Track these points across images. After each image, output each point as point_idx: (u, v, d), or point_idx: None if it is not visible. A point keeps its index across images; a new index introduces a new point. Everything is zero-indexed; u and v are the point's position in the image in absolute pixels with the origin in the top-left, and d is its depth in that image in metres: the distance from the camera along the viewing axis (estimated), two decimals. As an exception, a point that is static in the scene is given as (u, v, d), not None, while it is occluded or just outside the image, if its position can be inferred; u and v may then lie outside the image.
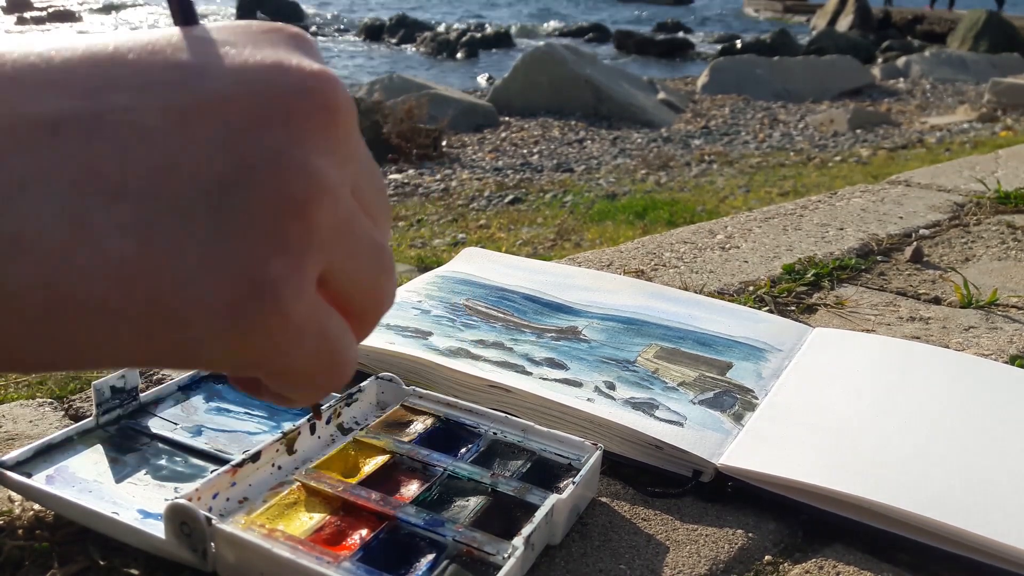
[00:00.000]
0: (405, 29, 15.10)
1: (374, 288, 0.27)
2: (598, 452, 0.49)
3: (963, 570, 0.45)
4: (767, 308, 0.81)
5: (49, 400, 0.60)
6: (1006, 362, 0.70)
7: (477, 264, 0.81)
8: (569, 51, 8.00)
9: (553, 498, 0.44)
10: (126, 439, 0.51)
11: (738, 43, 13.24)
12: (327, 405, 0.51)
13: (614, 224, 3.65)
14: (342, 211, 0.25)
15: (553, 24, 18.23)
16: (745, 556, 0.46)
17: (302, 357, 0.25)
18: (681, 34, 16.34)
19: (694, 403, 0.57)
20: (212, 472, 0.44)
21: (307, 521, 0.42)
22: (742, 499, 0.50)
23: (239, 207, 0.23)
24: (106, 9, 18.00)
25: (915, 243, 1.02)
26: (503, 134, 6.59)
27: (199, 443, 0.50)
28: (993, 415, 0.57)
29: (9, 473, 0.45)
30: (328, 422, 0.51)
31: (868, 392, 0.60)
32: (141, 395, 0.54)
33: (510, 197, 4.39)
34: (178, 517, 0.40)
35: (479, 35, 14.17)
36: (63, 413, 0.58)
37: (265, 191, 0.24)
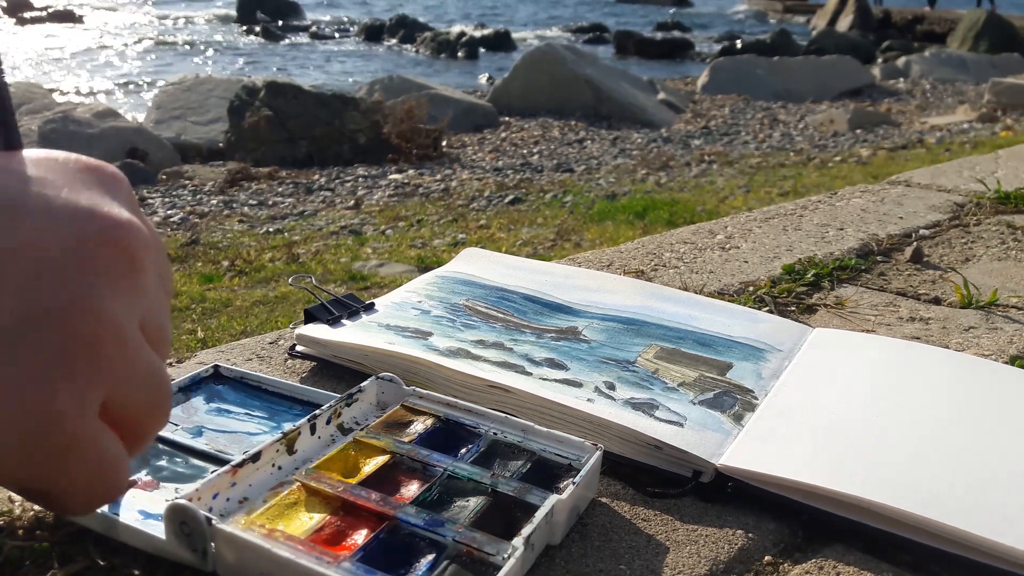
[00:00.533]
0: (405, 29, 15.11)
1: (149, 410, 0.31)
2: (598, 452, 0.49)
3: (963, 570, 0.45)
4: (767, 308, 0.81)
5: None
6: (1006, 362, 0.70)
7: (477, 264, 0.81)
8: (569, 51, 8.00)
9: (553, 498, 0.44)
10: (126, 439, 0.51)
11: (738, 43, 13.25)
12: (327, 405, 0.51)
13: (614, 224, 3.65)
14: (128, 347, 0.29)
15: (555, 31, 18.23)
16: (745, 556, 0.46)
17: (81, 475, 0.29)
18: (681, 34, 16.33)
19: (694, 403, 0.57)
20: (212, 472, 0.44)
21: (307, 521, 0.42)
22: (742, 499, 0.50)
23: (35, 344, 0.26)
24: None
25: (915, 243, 1.02)
26: (503, 134, 6.59)
27: (199, 444, 0.50)
28: (993, 415, 0.57)
29: (9, 473, 0.45)
30: (328, 422, 0.51)
31: (868, 392, 0.60)
32: (141, 395, 0.54)
33: (510, 197, 4.39)
34: (178, 517, 0.40)
35: (479, 35, 14.17)
36: (63, 413, 0.58)
37: (60, 332, 0.26)
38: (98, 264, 0.28)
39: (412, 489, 0.46)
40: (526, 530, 0.42)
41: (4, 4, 17.93)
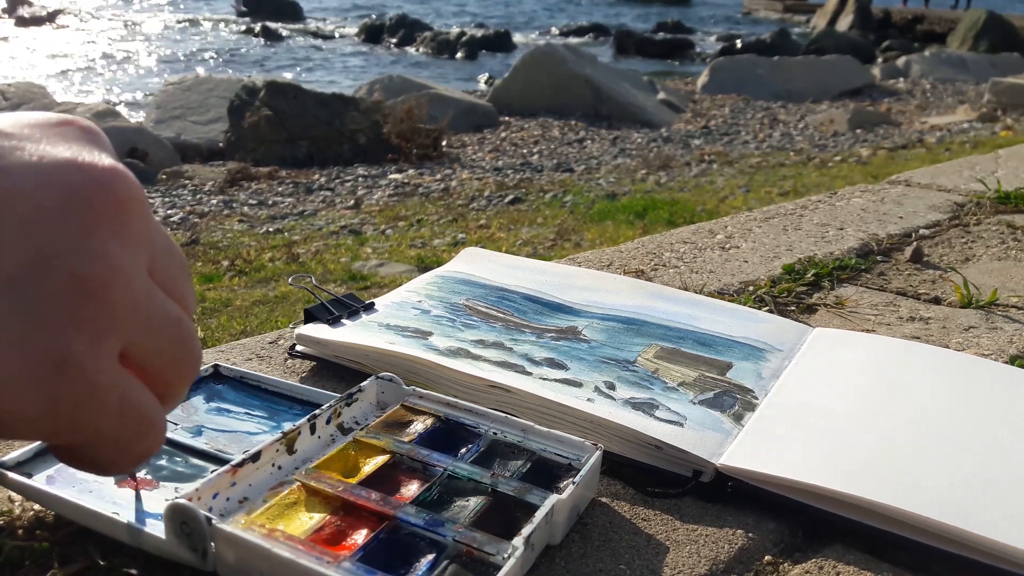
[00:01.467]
0: (405, 29, 15.11)
1: (174, 358, 0.30)
2: (598, 452, 0.49)
3: (963, 570, 0.45)
4: (767, 308, 0.81)
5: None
6: (1006, 362, 0.70)
7: (477, 264, 0.81)
8: (569, 51, 8.00)
9: (553, 498, 0.44)
10: (126, 439, 0.51)
11: (738, 43, 13.25)
12: (327, 405, 0.51)
13: (614, 224, 3.66)
14: (137, 290, 0.28)
15: (554, 30, 18.21)
16: (745, 556, 0.46)
17: (108, 425, 0.28)
18: (682, 35, 16.33)
19: (694, 403, 0.57)
20: (212, 472, 0.44)
21: (307, 521, 0.42)
22: (742, 499, 0.50)
23: (40, 291, 0.26)
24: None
25: (915, 243, 1.02)
26: (503, 134, 6.59)
27: (199, 443, 0.50)
28: (993, 415, 0.57)
29: (9, 473, 0.45)
30: (328, 422, 0.51)
31: (868, 392, 0.60)
32: (141, 395, 0.54)
33: (510, 197, 4.39)
34: (178, 517, 0.40)
35: (479, 35, 14.17)
36: (63, 413, 0.58)
37: (63, 276, 0.26)
38: (93, 212, 0.27)
39: (412, 489, 0.46)
40: (526, 530, 0.42)
41: (3, 4, 17.93)
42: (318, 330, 0.64)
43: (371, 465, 0.48)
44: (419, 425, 0.52)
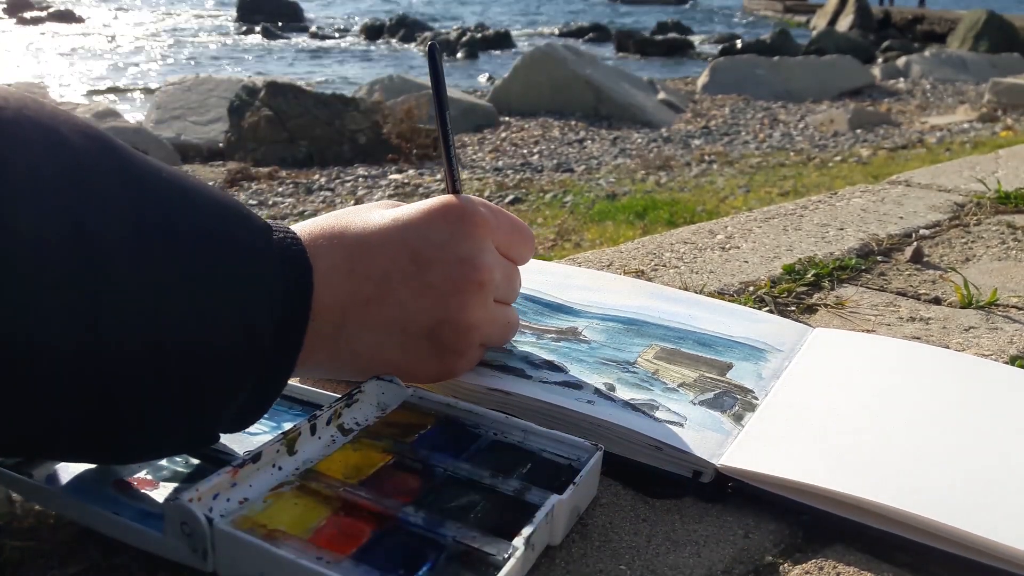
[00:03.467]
0: (405, 29, 15.11)
1: (521, 246, 0.58)
2: (598, 453, 0.49)
3: (963, 570, 0.45)
4: (767, 308, 0.81)
5: (49, 400, 0.60)
6: (1006, 362, 0.70)
7: (477, 264, 0.81)
8: (569, 51, 8.00)
9: (553, 498, 0.44)
10: (126, 439, 0.51)
11: (738, 43, 13.26)
12: (328, 406, 0.51)
13: (614, 224, 3.66)
14: (496, 216, 0.55)
15: (554, 31, 18.20)
16: (745, 556, 0.46)
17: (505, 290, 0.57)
18: (681, 35, 16.33)
19: (694, 404, 0.57)
20: (212, 472, 0.44)
21: (307, 521, 0.42)
22: (742, 499, 0.50)
23: (453, 231, 0.52)
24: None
25: (915, 243, 1.02)
26: (503, 134, 6.59)
27: (199, 443, 0.50)
28: (993, 415, 0.57)
29: (9, 473, 0.45)
30: (328, 423, 0.51)
31: (868, 392, 0.60)
32: (141, 395, 0.54)
33: (510, 197, 4.39)
34: (178, 517, 0.40)
35: (479, 35, 14.17)
36: (63, 413, 0.58)
37: (463, 221, 0.53)
38: (462, 224, 0.52)
39: (412, 489, 0.46)
40: (526, 530, 0.42)
41: (4, 4, 17.92)
42: (318, 330, 0.64)
43: (371, 465, 0.48)
44: (419, 425, 0.52)
